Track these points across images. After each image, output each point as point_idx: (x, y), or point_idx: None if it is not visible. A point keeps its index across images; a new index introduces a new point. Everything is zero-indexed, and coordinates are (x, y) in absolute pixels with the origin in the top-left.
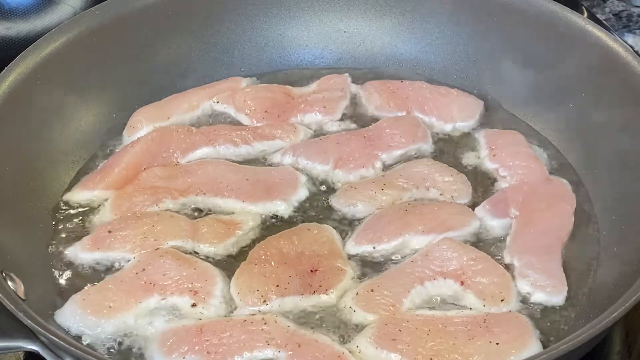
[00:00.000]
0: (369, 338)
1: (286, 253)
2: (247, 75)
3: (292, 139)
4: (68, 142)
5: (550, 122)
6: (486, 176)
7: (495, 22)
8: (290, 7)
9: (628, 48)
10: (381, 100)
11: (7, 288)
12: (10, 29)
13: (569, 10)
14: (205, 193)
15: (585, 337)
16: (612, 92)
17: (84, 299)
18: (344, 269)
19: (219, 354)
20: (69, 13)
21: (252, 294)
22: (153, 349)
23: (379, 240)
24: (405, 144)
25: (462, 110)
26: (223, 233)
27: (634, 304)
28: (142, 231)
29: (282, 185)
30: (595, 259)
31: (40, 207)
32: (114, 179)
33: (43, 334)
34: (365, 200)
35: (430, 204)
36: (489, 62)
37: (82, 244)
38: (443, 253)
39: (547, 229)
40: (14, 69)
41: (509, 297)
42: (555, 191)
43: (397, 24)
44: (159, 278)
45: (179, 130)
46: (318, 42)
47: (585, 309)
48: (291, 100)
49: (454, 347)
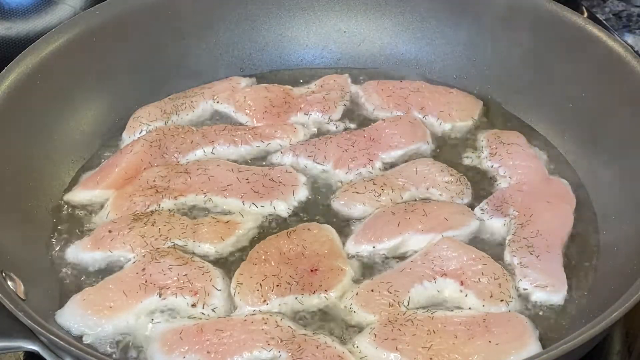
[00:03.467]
0: (369, 338)
1: (286, 253)
2: (247, 75)
3: (292, 139)
4: (68, 142)
5: (550, 123)
6: (486, 176)
7: (495, 22)
8: (290, 7)
9: (628, 48)
10: (381, 100)
11: (7, 288)
12: (10, 29)
13: (569, 10)
14: (205, 193)
15: (585, 337)
16: (612, 92)
17: (84, 299)
18: (344, 269)
19: (219, 353)
20: (69, 13)
21: (252, 293)
22: (153, 349)
23: (379, 240)
24: (405, 144)
25: (462, 110)
26: (223, 233)
27: (634, 304)
28: (142, 231)
29: (282, 185)
30: (596, 259)
31: (40, 207)
32: (114, 178)
33: (43, 334)
34: (365, 200)
35: (430, 204)
36: (488, 62)
37: (82, 244)
38: (443, 253)
39: (547, 229)
40: (14, 69)
41: (508, 297)
42: (555, 191)
43: (397, 24)
44: (159, 278)
45: (179, 130)
46: (318, 42)
47: (585, 309)
48: (291, 100)
49: (453, 347)
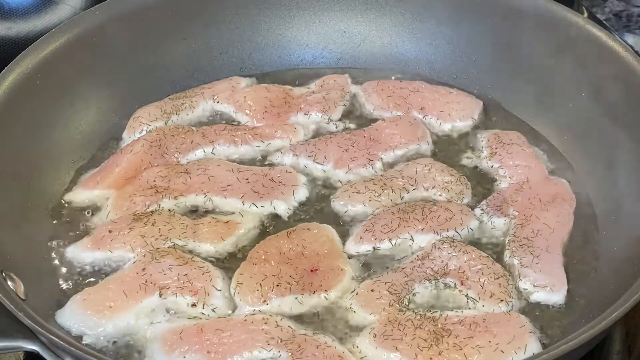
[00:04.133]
0: (369, 338)
1: (286, 253)
2: (247, 75)
3: (292, 139)
4: (68, 142)
5: (550, 122)
6: (486, 176)
7: (495, 22)
8: (290, 7)
9: (628, 48)
10: (381, 100)
11: (7, 288)
12: (10, 29)
13: (569, 10)
14: (205, 193)
15: (585, 337)
16: (612, 92)
17: (84, 299)
18: (344, 269)
19: (219, 353)
20: (69, 13)
21: (252, 293)
22: (154, 349)
23: (378, 240)
24: (405, 144)
25: (461, 110)
26: (223, 233)
27: (634, 304)
28: (142, 231)
29: (282, 185)
30: (595, 259)
31: (40, 207)
32: (114, 178)
33: (43, 334)
34: (365, 200)
35: (430, 204)
36: (489, 62)
37: (82, 244)
38: (443, 253)
39: (547, 229)
40: (14, 69)
41: (508, 297)
42: (555, 191)
43: (397, 24)
44: (159, 278)
45: (179, 130)
46: (318, 42)
47: (585, 309)
48: (291, 100)
49: (454, 347)
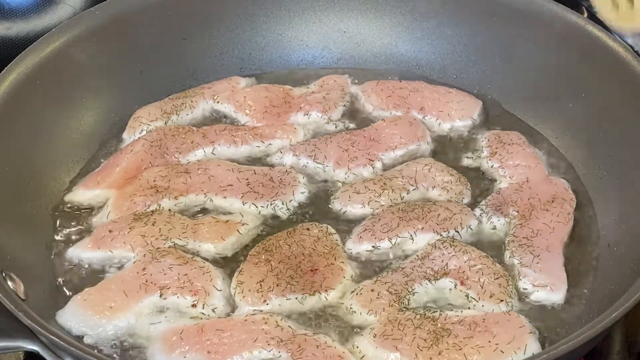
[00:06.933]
0: (369, 338)
1: (286, 253)
2: (247, 75)
3: (292, 139)
4: (68, 142)
5: (550, 122)
6: (486, 176)
7: (495, 22)
8: (290, 7)
9: (628, 48)
10: (380, 101)
11: (7, 288)
12: (10, 29)
13: (569, 10)
14: (205, 193)
15: (585, 337)
16: (612, 92)
17: (84, 299)
18: (344, 269)
19: (220, 353)
20: (69, 13)
21: (252, 293)
22: (154, 349)
23: (378, 239)
24: (405, 144)
25: (461, 110)
26: (223, 233)
27: (634, 304)
28: (142, 231)
29: (281, 185)
30: (595, 259)
31: (40, 207)
32: (115, 179)
33: (43, 334)
34: (365, 200)
35: (430, 204)
36: (489, 62)
37: (82, 244)
38: (443, 253)
39: (547, 229)
40: (14, 69)
41: (508, 297)
42: (555, 191)
43: (397, 24)
44: (159, 278)
45: (179, 130)
46: (318, 42)
47: (585, 309)
48: (291, 100)
49: (453, 347)
